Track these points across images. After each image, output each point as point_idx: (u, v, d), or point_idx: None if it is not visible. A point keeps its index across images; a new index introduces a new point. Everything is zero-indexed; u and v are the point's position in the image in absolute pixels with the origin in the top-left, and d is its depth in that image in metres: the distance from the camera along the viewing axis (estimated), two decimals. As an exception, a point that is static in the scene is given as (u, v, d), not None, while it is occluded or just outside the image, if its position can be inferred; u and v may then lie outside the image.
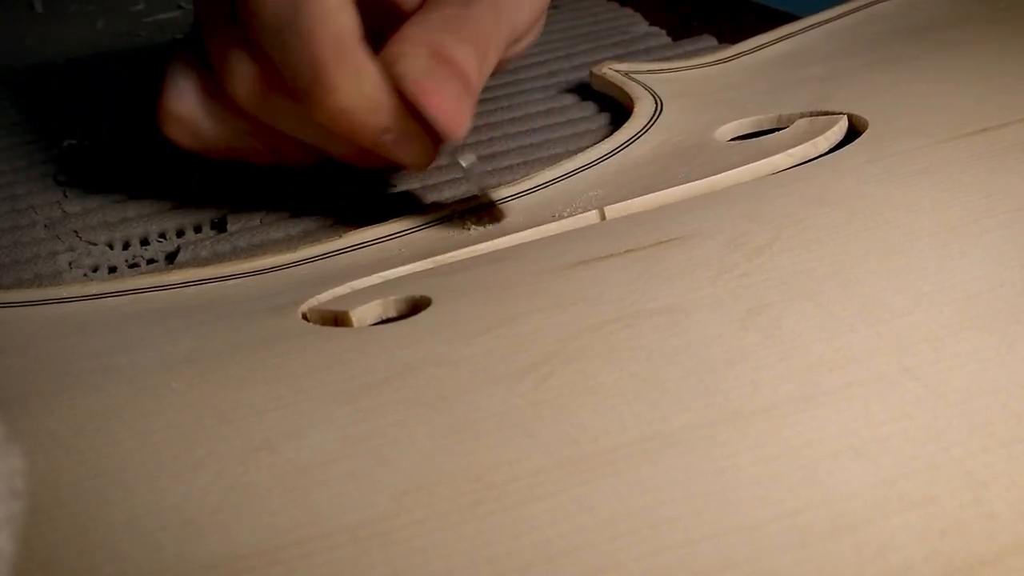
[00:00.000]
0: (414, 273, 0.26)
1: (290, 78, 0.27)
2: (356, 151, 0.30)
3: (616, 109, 0.37)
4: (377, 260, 0.27)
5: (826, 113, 0.30)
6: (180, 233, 0.33)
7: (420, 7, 0.29)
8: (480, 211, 0.29)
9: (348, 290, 0.25)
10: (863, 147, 0.28)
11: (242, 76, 0.29)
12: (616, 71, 0.38)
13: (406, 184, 0.34)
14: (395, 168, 0.33)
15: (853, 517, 0.16)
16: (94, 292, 0.27)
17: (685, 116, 0.33)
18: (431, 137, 0.28)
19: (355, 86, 0.26)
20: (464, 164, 0.29)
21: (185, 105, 0.30)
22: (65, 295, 0.27)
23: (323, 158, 0.31)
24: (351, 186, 0.34)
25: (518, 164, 0.34)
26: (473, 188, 0.30)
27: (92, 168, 0.38)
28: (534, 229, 0.27)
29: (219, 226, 0.33)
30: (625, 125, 0.33)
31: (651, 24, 0.46)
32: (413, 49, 0.27)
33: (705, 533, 0.16)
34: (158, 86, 0.31)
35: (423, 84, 0.26)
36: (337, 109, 0.27)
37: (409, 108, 0.27)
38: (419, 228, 0.29)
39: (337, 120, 0.27)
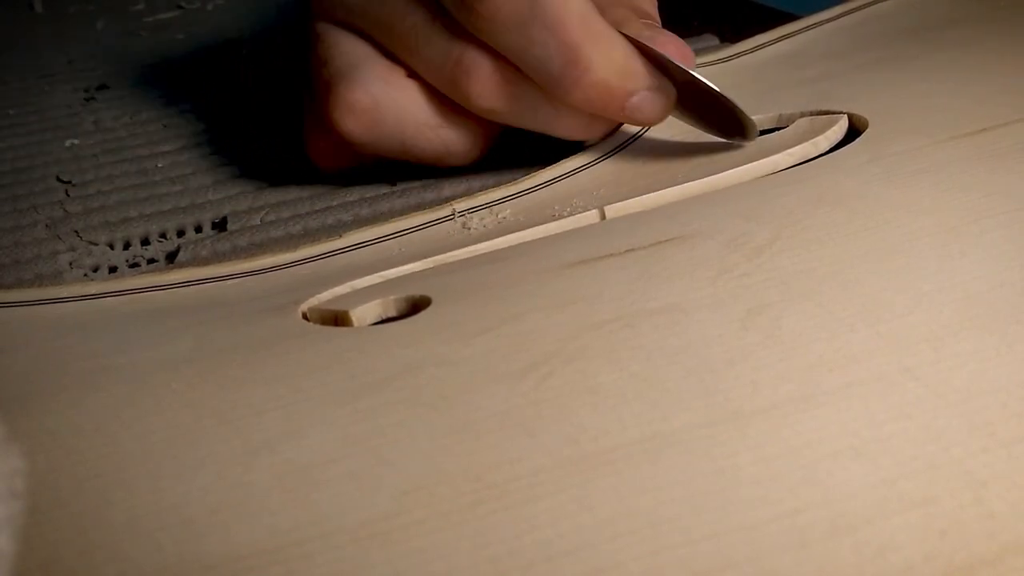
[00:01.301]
0: (414, 273, 0.26)
1: (535, 69, 0.28)
2: (585, 123, 0.30)
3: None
4: (377, 260, 0.27)
5: (826, 113, 0.30)
6: (181, 233, 0.33)
7: None
8: (480, 211, 0.29)
9: (348, 290, 0.25)
10: (863, 147, 0.28)
11: (480, 75, 0.29)
12: (616, 71, 0.38)
13: (406, 183, 0.34)
14: (409, 167, 0.33)
15: (853, 517, 0.16)
16: (94, 292, 0.27)
17: (685, 116, 0.33)
18: (672, 88, 0.30)
19: (608, 58, 0.28)
20: (709, 83, 0.30)
21: (370, 95, 0.30)
22: (65, 295, 0.27)
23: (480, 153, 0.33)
24: (351, 186, 0.34)
25: (518, 163, 0.34)
26: (491, 183, 0.31)
27: (93, 168, 0.38)
28: (534, 229, 0.27)
29: (219, 226, 0.33)
30: (625, 125, 0.33)
31: (651, 24, 0.46)
32: (624, 12, 0.30)
33: (705, 533, 0.16)
34: (314, 75, 0.31)
35: (656, 39, 0.29)
36: (594, 84, 0.28)
37: (650, 64, 0.29)
38: (419, 228, 0.29)
39: (593, 95, 0.28)
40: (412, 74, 0.31)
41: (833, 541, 0.15)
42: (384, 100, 0.31)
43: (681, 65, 0.29)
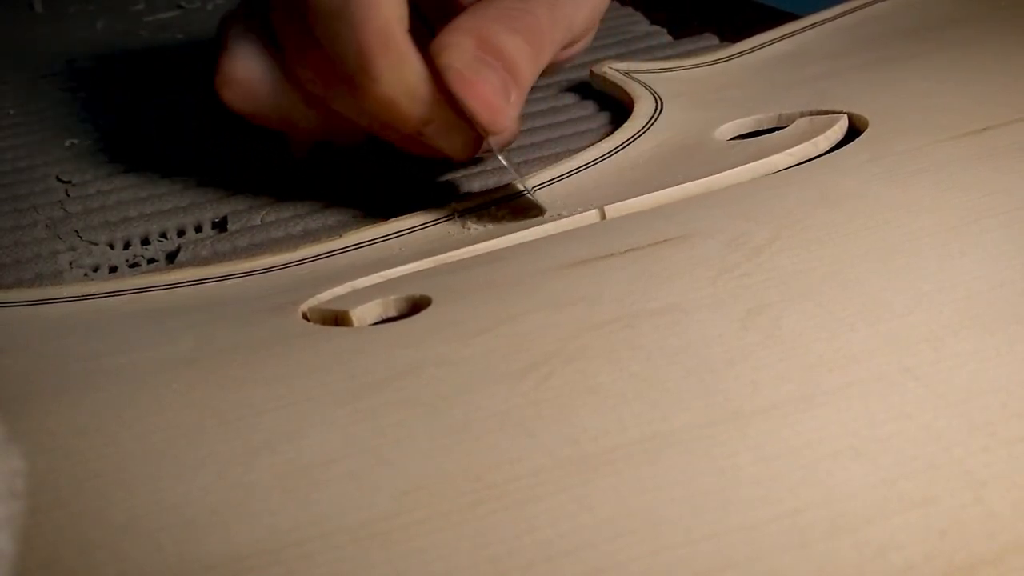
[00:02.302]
0: (414, 273, 0.26)
1: (339, 65, 0.28)
2: (403, 137, 0.30)
3: (616, 108, 0.37)
4: (377, 260, 0.27)
5: (826, 112, 0.30)
6: (181, 233, 0.33)
7: (475, 1, 0.29)
8: (480, 211, 0.29)
9: (348, 290, 0.25)
10: (863, 146, 0.28)
11: (306, 59, 0.29)
12: (616, 70, 0.38)
13: (406, 183, 0.34)
14: (420, 161, 0.33)
15: (853, 517, 0.16)
16: (94, 292, 0.27)
17: (685, 115, 0.33)
18: (475, 131, 0.28)
19: (397, 76, 0.27)
20: (505, 162, 0.29)
21: (245, 69, 0.31)
22: (65, 295, 0.27)
23: (368, 138, 0.32)
24: (351, 186, 0.34)
25: (518, 163, 0.34)
26: (491, 183, 0.31)
27: (93, 168, 0.38)
28: (534, 229, 0.27)
29: (220, 226, 0.33)
30: (625, 124, 0.33)
31: (652, 23, 0.46)
32: (460, 39, 0.27)
33: (705, 533, 0.16)
34: (216, 51, 0.32)
35: (465, 75, 0.27)
36: (380, 98, 0.27)
37: (451, 99, 0.27)
38: (419, 228, 0.29)
39: (381, 108, 0.28)
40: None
41: (833, 541, 0.15)
42: (259, 75, 0.31)
43: (476, 121, 0.27)
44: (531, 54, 0.28)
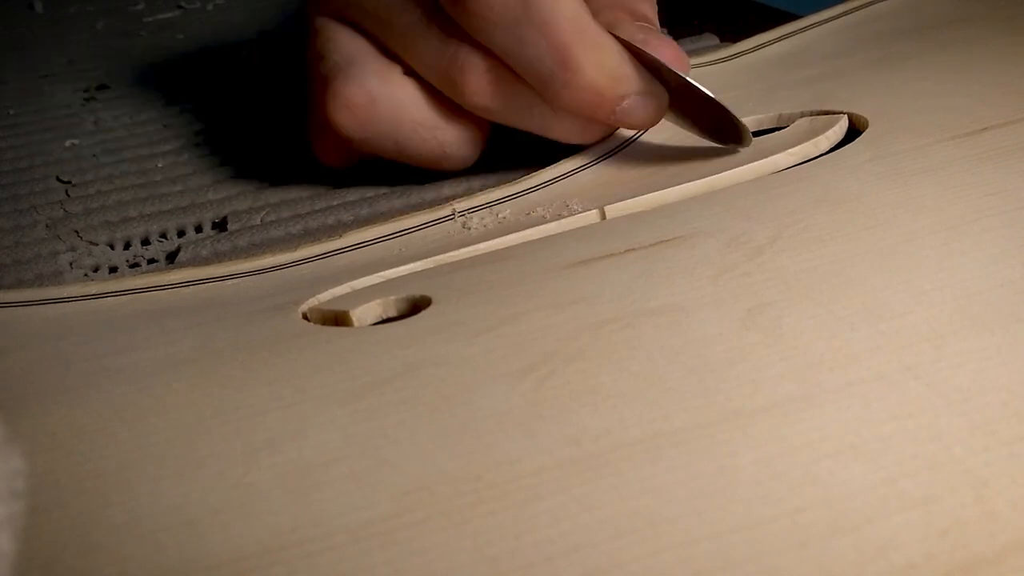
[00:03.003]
0: (414, 273, 0.26)
1: (526, 70, 0.28)
2: (580, 127, 0.30)
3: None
4: (377, 260, 0.27)
5: (826, 112, 0.30)
6: (181, 233, 0.33)
7: None
8: (480, 211, 0.29)
9: (348, 290, 0.25)
10: (864, 146, 0.28)
11: (474, 72, 0.29)
12: (616, 70, 0.38)
13: (406, 183, 0.34)
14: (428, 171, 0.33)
15: (854, 516, 0.16)
16: (94, 292, 0.27)
17: (685, 115, 0.33)
18: (664, 91, 0.29)
19: (598, 60, 0.28)
20: (710, 94, 0.29)
21: (366, 91, 0.30)
22: (66, 295, 0.27)
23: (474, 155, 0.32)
24: (351, 186, 0.34)
25: (518, 163, 0.34)
26: (491, 183, 0.31)
27: (93, 168, 0.38)
28: (534, 229, 0.27)
29: (220, 226, 0.33)
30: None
31: (651, 23, 0.46)
32: (617, 15, 0.30)
33: (706, 533, 0.16)
34: (314, 71, 0.31)
35: (651, 41, 0.29)
36: (583, 86, 0.28)
37: (642, 68, 0.29)
38: (419, 228, 0.29)
39: (582, 97, 0.28)
40: (409, 71, 0.31)
41: (834, 540, 0.15)
42: (380, 97, 0.30)
43: (675, 70, 0.29)
44: (654, 9, 0.32)
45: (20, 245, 0.33)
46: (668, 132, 0.32)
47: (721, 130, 0.30)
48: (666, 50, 0.29)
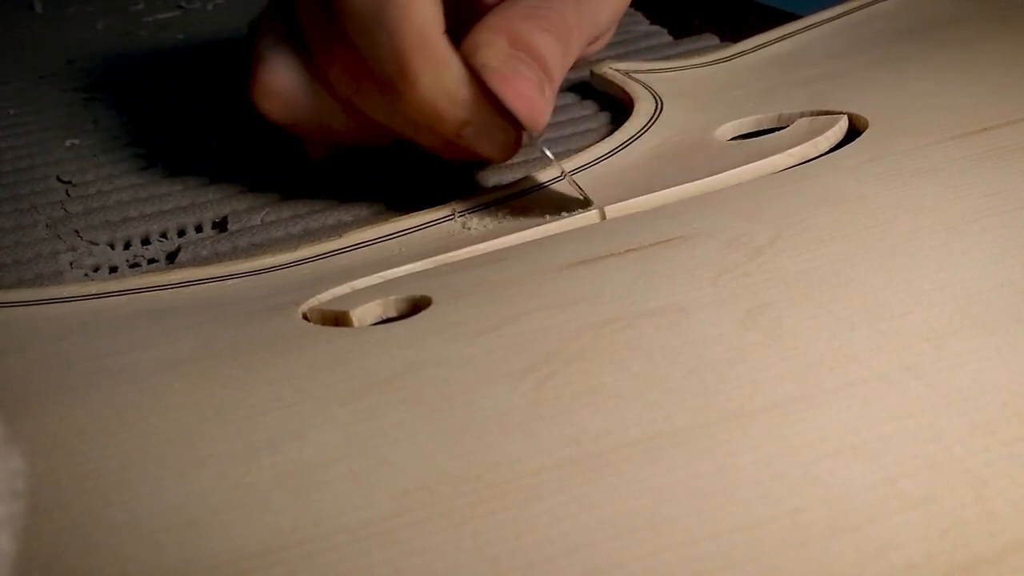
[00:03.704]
0: (414, 273, 0.26)
1: (376, 69, 0.28)
2: (441, 142, 0.30)
3: (616, 108, 0.37)
4: (377, 260, 0.27)
5: (826, 112, 0.30)
6: (181, 233, 0.33)
7: (499, 1, 0.29)
8: (481, 211, 0.29)
9: (348, 290, 0.25)
10: (864, 146, 0.28)
11: (336, 63, 0.29)
12: (616, 70, 0.38)
13: (406, 183, 0.34)
14: (420, 161, 0.33)
15: (854, 516, 0.16)
16: (94, 292, 0.27)
17: (685, 115, 0.33)
18: (513, 129, 0.28)
19: (436, 79, 0.27)
20: (550, 154, 0.29)
21: (280, 79, 0.31)
22: (66, 295, 0.27)
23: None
24: (352, 186, 0.34)
25: (518, 163, 0.34)
26: (491, 183, 0.31)
27: (93, 168, 0.38)
28: (534, 229, 0.27)
29: (220, 226, 0.33)
30: (625, 124, 0.33)
31: (652, 23, 0.46)
32: (493, 37, 0.27)
33: (706, 533, 0.16)
34: (248, 60, 0.31)
35: (502, 73, 0.27)
36: (419, 101, 0.27)
37: (490, 99, 0.27)
38: (419, 228, 0.29)
39: (420, 112, 0.28)
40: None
41: (834, 540, 0.15)
42: (296, 85, 0.31)
43: (518, 119, 0.27)
44: (561, 50, 0.28)
45: (20, 245, 0.33)
46: (668, 132, 0.32)
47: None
48: (521, 92, 0.27)
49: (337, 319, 0.24)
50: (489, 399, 0.19)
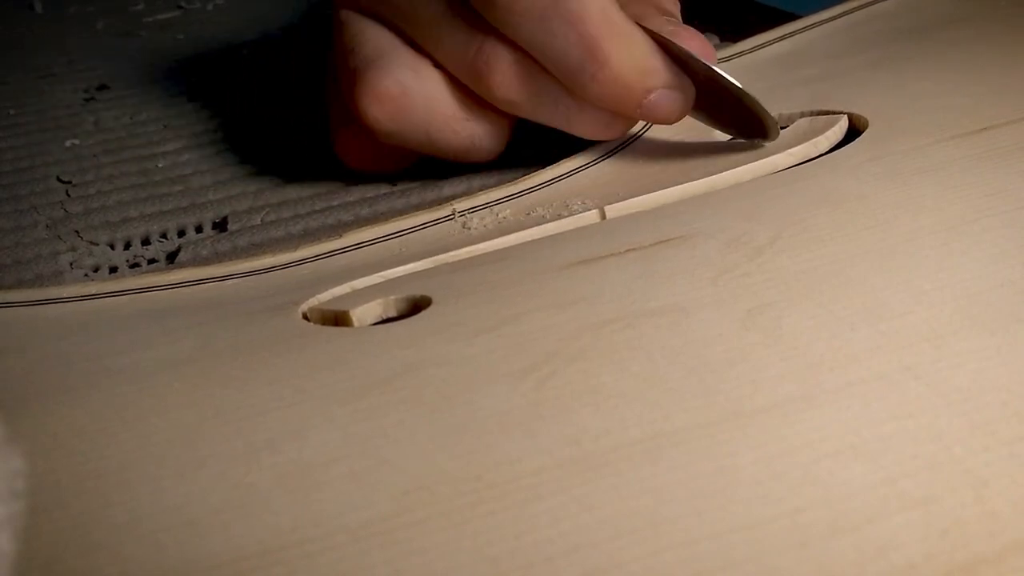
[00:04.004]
0: (414, 272, 0.26)
1: (554, 63, 0.28)
2: (605, 123, 0.30)
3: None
4: (377, 260, 0.27)
5: (826, 112, 0.30)
6: (181, 233, 0.33)
7: None
8: (481, 211, 0.29)
9: (348, 290, 0.25)
10: (864, 146, 0.28)
11: (500, 66, 0.29)
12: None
13: (406, 183, 0.34)
14: (420, 161, 0.33)
15: (854, 516, 0.16)
16: (95, 292, 0.27)
17: (685, 115, 0.33)
18: (693, 88, 0.29)
19: (628, 54, 0.28)
20: (728, 76, 0.29)
21: (398, 83, 0.30)
22: (66, 295, 0.27)
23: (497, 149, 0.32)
24: (351, 186, 0.34)
25: (518, 164, 0.34)
26: (491, 183, 0.31)
27: (93, 168, 0.38)
28: (534, 229, 0.27)
29: (220, 226, 0.33)
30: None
31: (651, 23, 0.46)
32: (644, 9, 0.30)
33: (706, 533, 0.16)
34: (343, 63, 0.31)
35: (679, 33, 0.29)
36: (612, 79, 0.28)
37: (672, 63, 0.29)
38: (419, 228, 0.29)
39: (610, 91, 0.28)
40: (438, 64, 0.31)
41: (834, 540, 0.15)
42: (412, 89, 0.30)
43: (704, 61, 0.28)
44: (678, 8, 0.32)
45: (20, 245, 0.33)
46: (670, 131, 0.32)
47: (745, 125, 0.29)
48: (693, 42, 0.29)
49: (337, 319, 0.24)
50: (489, 399, 0.19)
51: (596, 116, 0.30)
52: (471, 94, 0.31)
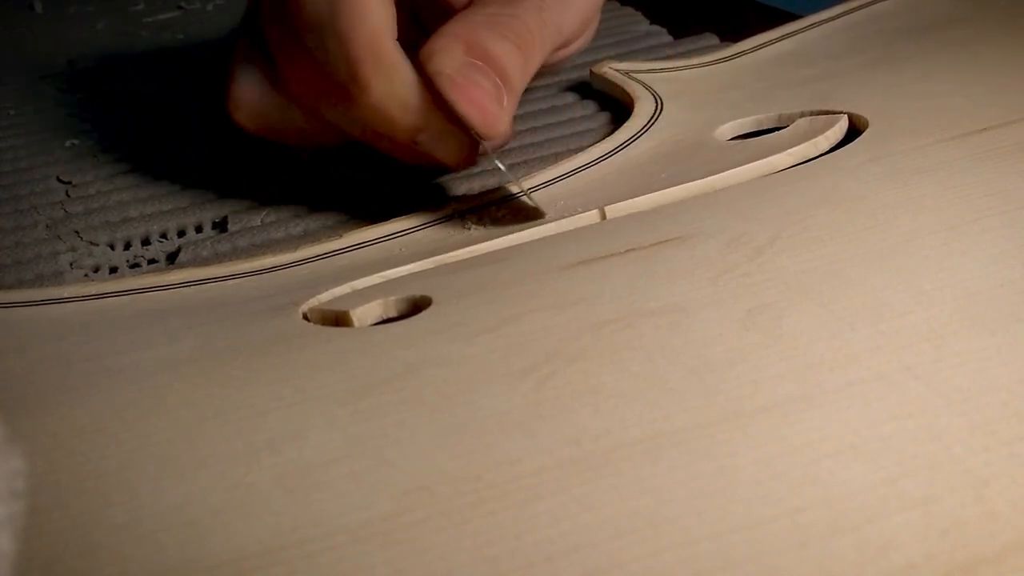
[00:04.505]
0: (415, 273, 0.26)
1: (329, 76, 0.28)
2: (398, 147, 0.30)
3: (616, 108, 0.37)
4: (377, 260, 0.27)
5: (826, 112, 0.30)
6: (181, 233, 0.33)
7: (467, 6, 0.29)
8: (480, 211, 0.29)
9: (348, 290, 0.25)
10: (864, 146, 0.28)
11: (293, 71, 0.30)
12: (616, 70, 0.38)
13: (406, 184, 0.34)
14: (420, 167, 0.33)
15: (854, 516, 0.16)
16: (94, 292, 0.27)
17: (685, 115, 0.33)
18: (469, 137, 0.28)
19: (387, 85, 0.27)
20: (502, 167, 0.29)
21: (250, 92, 0.31)
22: (66, 295, 0.27)
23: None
24: (352, 186, 0.34)
25: (518, 163, 0.34)
26: (491, 184, 0.30)
27: (93, 168, 0.38)
28: (534, 229, 0.27)
29: (220, 226, 0.33)
30: (625, 124, 0.33)
31: (652, 23, 0.46)
32: (450, 44, 0.27)
33: (706, 533, 0.16)
34: (225, 74, 0.32)
35: (456, 80, 0.27)
36: (372, 107, 0.27)
37: (443, 106, 0.27)
38: (420, 228, 0.29)
39: (373, 118, 0.28)
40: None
41: (834, 540, 0.15)
42: (262, 96, 0.31)
43: (472, 128, 0.27)
44: (521, 59, 0.28)
45: (20, 245, 0.33)
46: (669, 131, 0.32)
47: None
48: (475, 101, 0.27)
49: (337, 319, 0.24)
50: (489, 399, 0.19)
51: (389, 141, 0.29)
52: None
